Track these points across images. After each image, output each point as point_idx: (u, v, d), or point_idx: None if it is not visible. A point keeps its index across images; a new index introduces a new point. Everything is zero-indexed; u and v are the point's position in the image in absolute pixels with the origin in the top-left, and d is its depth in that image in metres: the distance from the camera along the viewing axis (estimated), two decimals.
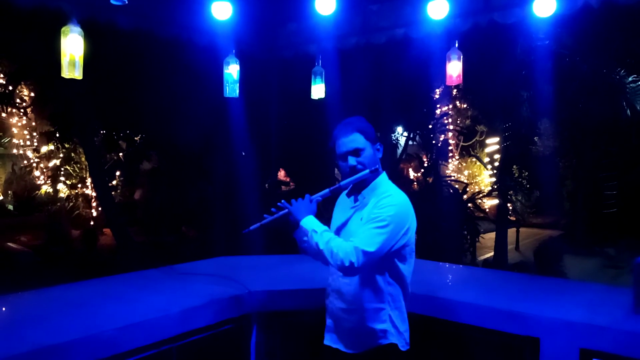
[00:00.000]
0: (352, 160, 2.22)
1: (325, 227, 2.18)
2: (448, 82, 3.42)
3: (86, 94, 7.94)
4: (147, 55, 6.12)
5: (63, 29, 2.69)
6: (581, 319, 2.39)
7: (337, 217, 2.34)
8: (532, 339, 2.47)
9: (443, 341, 2.79)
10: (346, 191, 2.39)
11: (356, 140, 2.22)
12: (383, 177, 2.30)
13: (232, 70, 3.55)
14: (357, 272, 2.11)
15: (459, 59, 3.38)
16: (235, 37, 3.65)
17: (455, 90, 17.17)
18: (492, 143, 16.42)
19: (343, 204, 2.39)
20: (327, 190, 2.31)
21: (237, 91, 3.58)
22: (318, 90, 4.09)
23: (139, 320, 2.40)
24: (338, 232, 2.31)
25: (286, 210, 2.24)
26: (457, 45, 3.42)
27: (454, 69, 3.37)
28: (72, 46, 2.67)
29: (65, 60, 2.67)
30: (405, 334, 2.26)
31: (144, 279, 3.14)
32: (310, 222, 2.17)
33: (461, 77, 3.37)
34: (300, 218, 2.19)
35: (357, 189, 2.31)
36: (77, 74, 2.72)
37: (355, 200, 2.32)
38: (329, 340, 2.33)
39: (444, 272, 3.64)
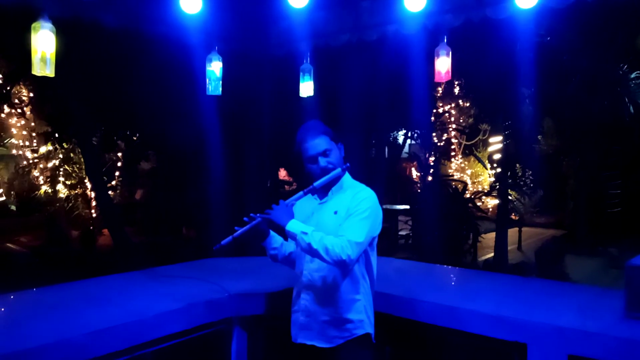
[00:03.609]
0: (322, 161, 2.31)
1: (313, 227, 2.21)
2: (437, 79, 3.33)
3: (81, 93, 7.89)
4: (135, 54, 6.07)
5: (33, 25, 2.62)
6: (571, 324, 2.29)
7: (300, 214, 2.34)
8: (519, 344, 2.37)
9: (427, 346, 2.70)
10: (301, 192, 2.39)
11: (323, 142, 2.32)
12: (347, 174, 2.41)
13: (215, 67, 3.48)
14: (352, 264, 2.20)
15: (447, 54, 3.28)
16: (219, 34, 3.58)
17: (457, 88, 17.11)
18: (496, 142, 16.28)
19: (303, 202, 2.39)
20: (301, 193, 2.36)
21: (220, 89, 3.50)
22: (307, 88, 4.01)
23: (111, 324, 2.32)
24: None
25: (257, 220, 2.29)
26: (445, 40, 3.32)
27: (443, 65, 3.28)
28: (43, 43, 2.59)
29: (36, 57, 2.59)
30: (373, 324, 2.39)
31: (123, 281, 3.07)
32: (296, 226, 2.21)
33: (450, 73, 3.27)
34: (285, 223, 2.23)
35: (324, 187, 2.35)
36: (49, 72, 2.64)
37: (322, 197, 2.40)
38: (304, 338, 2.35)
39: (430, 273, 3.54)
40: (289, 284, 2.83)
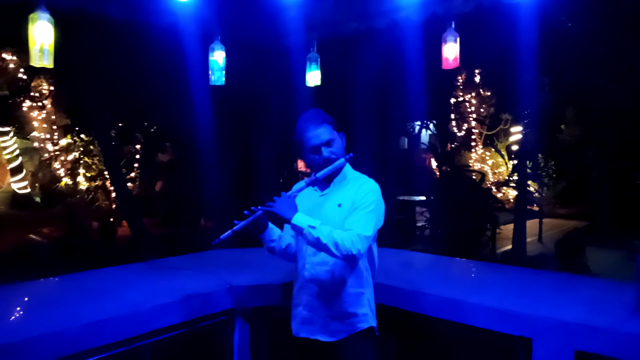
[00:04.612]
0: (325, 152, 2.23)
1: (319, 221, 2.13)
2: (444, 66, 3.23)
3: (96, 86, 7.96)
4: (144, 46, 6.06)
5: (31, 15, 2.61)
6: (578, 318, 2.20)
7: (300, 207, 2.24)
8: (525, 339, 2.29)
9: (430, 339, 2.64)
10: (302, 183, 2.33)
11: (326, 131, 2.24)
12: (348, 165, 2.34)
13: (218, 57, 3.44)
14: (361, 258, 2.20)
15: (455, 41, 3.18)
16: (224, 24, 3.54)
17: (478, 77, 16.80)
18: (517, 132, 15.98)
19: (303, 194, 2.32)
20: (303, 184, 2.30)
21: (223, 79, 3.46)
22: (314, 77, 3.95)
23: (109, 316, 2.32)
24: None
25: (259, 213, 2.20)
26: (453, 26, 3.21)
27: (450, 51, 3.18)
28: (41, 34, 2.58)
29: (34, 48, 2.59)
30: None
31: (124, 273, 3.07)
32: (302, 219, 2.13)
33: (458, 60, 3.17)
34: (290, 216, 2.14)
35: (325, 178, 2.27)
36: (47, 63, 2.63)
37: (323, 188, 2.32)
38: (306, 332, 2.30)
39: (438, 266, 3.46)
40: (292, 276, 2.80)
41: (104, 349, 2.28)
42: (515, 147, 15.18)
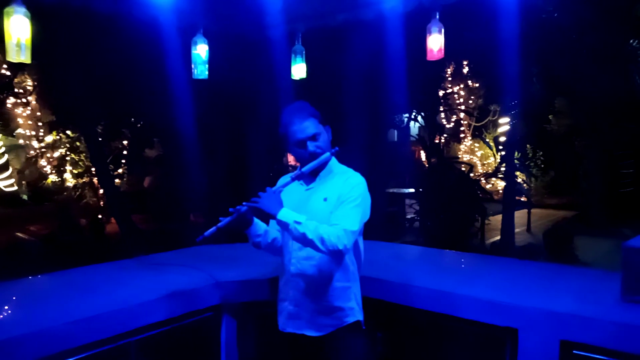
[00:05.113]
0: (311, 146, 2.21)
1: (305, 216, 2.12)
2: (429, 57, 3.21)
3: (82, 81, 7.86)
4: (129, 39, 6.00)
5: (6, 9, 2.54)
6: (563, 308, 2.20)
7: (286, 201, 2.21)
8: (511, 329, 2.29)
9: (419, 332, 2.64)
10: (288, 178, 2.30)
11: (312, 125, 2.22)
12: (334, 158, 2.31)
13: (201, 50, 3.40)
14: (347, 252, 2.18)
15: (439, 32, 3.16)
16: (206, 15, 3.49)
17: (466, 69, 16.81)
18: (505, 123, 16.04)
19: (289, 188, 2.29)
20: (288, 179, 2.27)
21: (207, 72, 3.42)
22: (299, 70, 3.91)
23: (94, 313, 2.28)
24: None
25: (244, 209, 2.18)
26: (437, 17, 3.19)
27: (435, 42, 3.16)
28: (17, 28, 2.52)
29: (10, 43, 2.52)
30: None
31: (110, 269, 3.03)
32: (288, 214, 2.11)
33: (443, 51, 3.15)
34: (276, 212, 2.12)
35: (311, 172, 2.26)
36: (24, 58, 2.57)
37: (309, 182, 2.31)
38: (293, 327, 2.30)
39: (427, 258, 3.46)
40: (279, 271, 2.77)
41: (88, 347, 2.24)
42: (503, 139, 15.24)
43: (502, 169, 9.44)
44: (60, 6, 3.54)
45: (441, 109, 14.90)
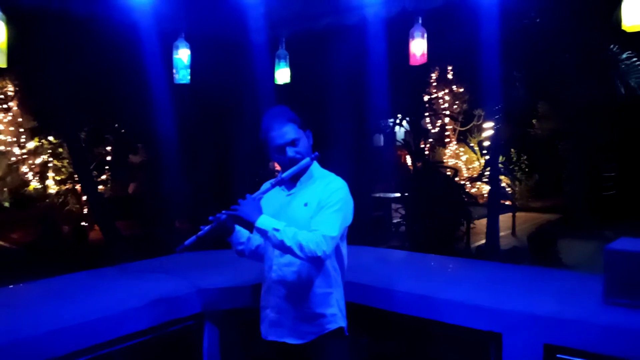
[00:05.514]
0: (290, 152, 2.20)
1: (284, 222, 2.10)
2: (412, 62, 3.21)
3: (64, 87, 7.76)
4: (110, 44, 5.94)
5: None
6: (547, 311, 2.21)
7: (267, 207, 2.20)
8: (495, 334, 2.29)
9: (403, 337, 2.63)
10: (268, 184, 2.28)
11: (291, 130, 2.20)
12: (315, 163, 2.28)
13: (182, 54, 3.37)
14: (327, 259, 2.15)
15: (422, 36, 3.17)
16: (188, 20, 3.46)
17: (451, 74, 16.93)
18: (489, 127, 16.16)
19: (270, 194, 2.26)
20: (268, 185, 2.25)
21: (189, 77, 3.39)
22: (283, 75, 3.89)
23: (72, 323, 2.24)
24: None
25: (223, 217, 2.16)
26: (420, 22, 3.20)
27: (418, 47, 3.16)
28: None
29: None
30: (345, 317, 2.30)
31: (90, 277, 2.98)
32: (267, 221, 2.09)
33: (425, 56, 3.16)
34: (254, 219, 2.10)
35: (292, 178, 2.24)
36: (1, 62, 2.53)
37: (290, 188, 2.28)
38: (275, 335, 2.27)
39: (411, 262, 3.46)
40: (261, 278, 2.74)
41: (68, 357, 2.20)
42: (487, 143, 15.38)
43: (487, 173, 9.48)
44: (38, 10, 3.49)
45: (426, 113, 15.00)
